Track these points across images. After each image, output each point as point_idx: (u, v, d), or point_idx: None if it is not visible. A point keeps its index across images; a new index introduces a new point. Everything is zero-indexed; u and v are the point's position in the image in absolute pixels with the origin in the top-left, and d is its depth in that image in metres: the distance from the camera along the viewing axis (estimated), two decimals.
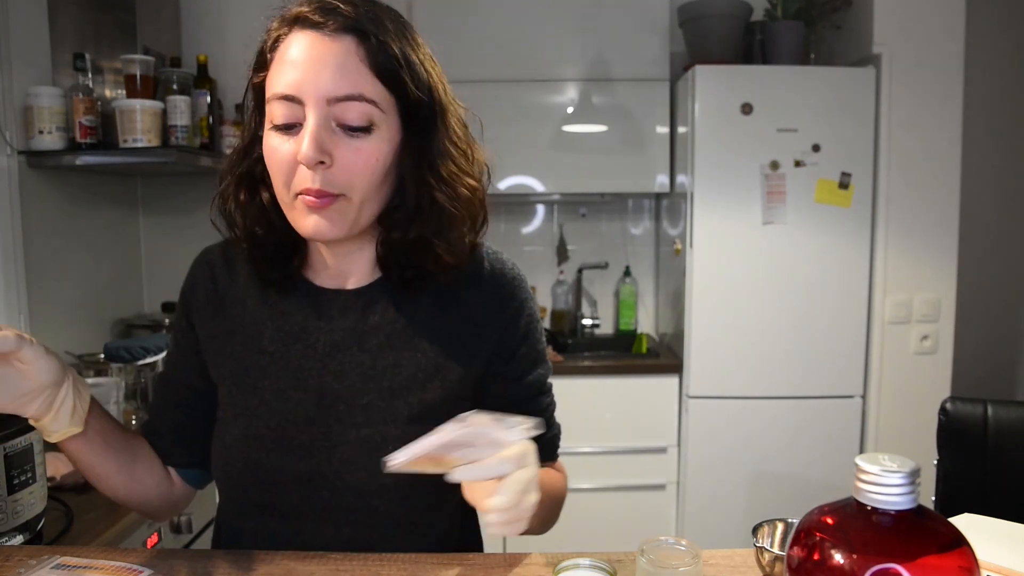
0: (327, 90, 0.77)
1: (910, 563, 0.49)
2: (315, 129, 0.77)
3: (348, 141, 0.78)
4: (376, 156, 0.80)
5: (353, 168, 0.79)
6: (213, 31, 2.43)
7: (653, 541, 0.75)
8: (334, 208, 0.80)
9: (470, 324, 0.91)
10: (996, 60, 2.89)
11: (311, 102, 0.77)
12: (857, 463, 0.52)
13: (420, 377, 0.88)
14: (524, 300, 0.94)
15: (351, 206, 0.81)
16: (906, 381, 2.66)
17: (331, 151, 0.78)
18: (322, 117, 0.77)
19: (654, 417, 2.75)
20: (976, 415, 1.42)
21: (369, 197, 0.82)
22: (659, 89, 2.92)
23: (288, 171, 0.80)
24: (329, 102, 0.77)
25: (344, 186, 0.79)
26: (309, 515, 0.89)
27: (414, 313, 0.90)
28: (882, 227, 2.63)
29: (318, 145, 0.77)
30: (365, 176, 0.80)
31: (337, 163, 0.78)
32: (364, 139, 0.79)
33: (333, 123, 0.78)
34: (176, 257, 2.55)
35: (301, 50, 0.78)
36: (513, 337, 0.93)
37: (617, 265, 3.25)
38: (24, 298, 1.92)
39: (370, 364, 0.88)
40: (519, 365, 0.94)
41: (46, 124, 1.90)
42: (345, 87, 0.77)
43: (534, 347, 0.95)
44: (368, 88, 0.78)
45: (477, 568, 0.86)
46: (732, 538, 2.61)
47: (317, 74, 0.77)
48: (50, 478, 1.36)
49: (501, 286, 0.93)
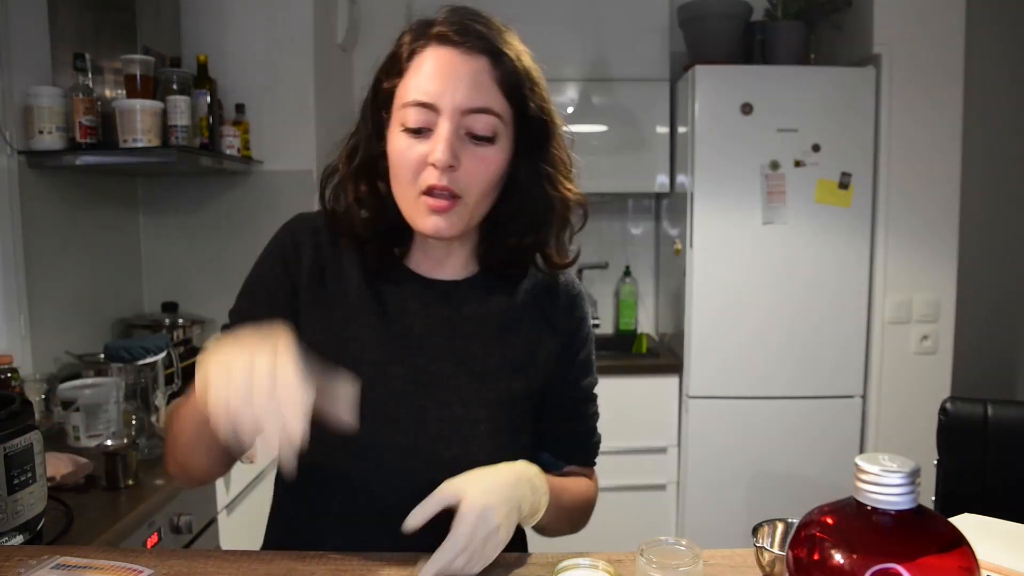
0: (462, 102, 0.86)
1: (910, 563, 0.49)
2: (449, 136, 0.85)
3: (473, 149, 0.87)
4: (496, 164, 0.89)
5: (475, 173, 0.88)
6: (213, 31, 2.43)
7: (653, 541, 0.75)
8: (453, 211, 0.88)
9: (548, 327, 1.00)
10: (996, 60, 2.89)
11: (447, 111, 0.86)
12: (857, 463, 0.52)
13: (508, 368, 0.96)
14: (587, 312, 1.05)
15: (466, 208, 0.89)
16: (906, 381, 2.66)
17: (459, 156, 0.87)
18: (455, 125, 0.86)
19: (654, 417, 2.75)
20: (976, 415, 1.42)
21: (482, 200, 0.90)
22: (659, 89, 2.92)
23: (416, 170, 0.87)
24: (463, 113, 0.86)
25: (464, 189, 0.88)
26: (399, 487, 0.90)
27: (504, 310, 0.98)
28: (882, 227, 2.63)
29: (452, 150, 0.85)
30: (483, 182, 0.89)
31: (463, 168, 0.87)
32: (487, 148, 0.88)
33: (463, 131, 0.87)
34: (176, 257, 2.57)
35: (440, 64, 0.87)
36: (576, 342, 1.02)
37: (617, 265, 3.25)
38: (24, 298, 1.92)
39: (463, 350, 0.95)
40: (577, 370, 1.03)
41: (46, 124, 1.90)
42: (478, 101, 0.86)
43: (589, 356, 1.04)
44: (496, 103, 0.88)
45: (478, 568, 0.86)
46: (732, 538, 2.61)
47: (454, 87, 0.86)
48: (50, 478, 1.36)
49: (572, 296, 1.03)
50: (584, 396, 1.05)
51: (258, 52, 2.45)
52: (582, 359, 1.03)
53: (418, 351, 0.94)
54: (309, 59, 2.47)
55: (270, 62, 2.46)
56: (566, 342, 1.01)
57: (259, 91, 2.46)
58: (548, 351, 0.99)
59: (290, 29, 2.46)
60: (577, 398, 1.04)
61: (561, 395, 1.02)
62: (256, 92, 2.45)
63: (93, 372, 1.93)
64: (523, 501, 0.85)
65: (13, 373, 1.74)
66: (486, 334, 0.96)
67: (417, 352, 0.94)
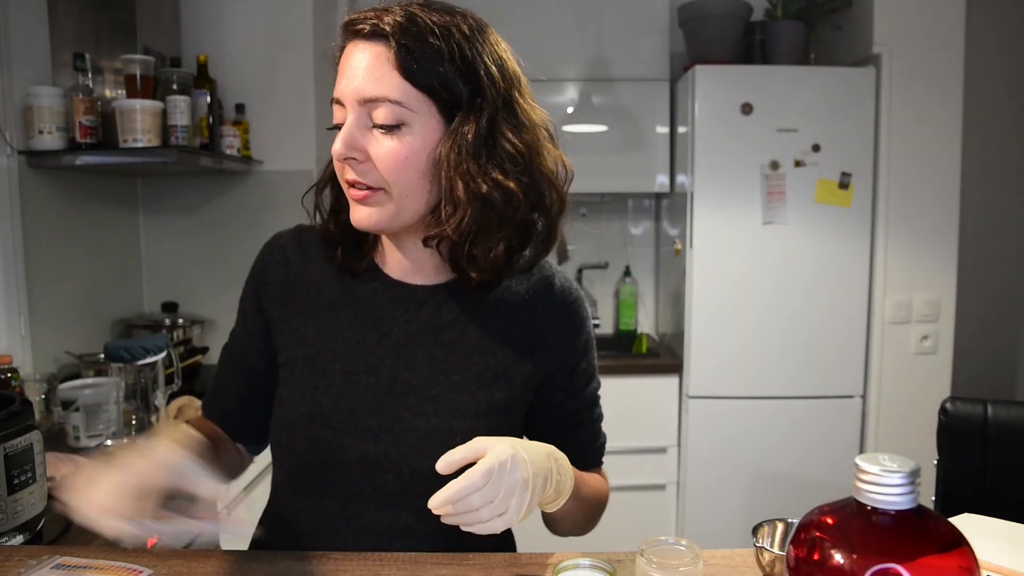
0: (356, 93, 0.83)
1: (910, 563, 0.49)
2: (347, 127, 0.84)
3: (380, 139, 0.84)
4: (405, 153, 0.84)
5: (384, 163, 0.84)
6: (213, 31, 2.43)
7: (653, 541, 0.75)
8: (373, 200, 0.86)
9: (538, 335, 0.95)
10: (996, 60, 2.89)
11: (348, 103, 0.84)
12: (857, 463, 0.52)
13: (488, 376, 0.92)
14: (585, 319, 1.00)
15: (390, 200, 0.86)
16: (906, 381, 2.66)
17: (365, 148, 0.84)
18: (356, 117, 0.84)
19: (654, 417, 2.75)
20: (976, 415, 1.42)
21: (408, 192, 0.85)
22: (659, 89, 2.92)
23: (340, 168, 0.88)
24: (361, 103, 0.83)
25: (379, 180, 0.85)
26: (371, 498, 0.90)
27: (488, 316, 0.94)
28: (882, 227, 2.63)
29: (348, 142, 0.83)
30: (397, 171, 0.84)
31: (372, 159, 0.84)
32: (393, 137, 0.84)
33: (369, 122, 0.84)
34: (176, 257, 2.57)
35: (347, 57, 0.85)
36: (574, 352, 0.98)
37: (617, 265, 3.25)
38: (24, 298, 1.92)
39: (442, 358, 0.92)
40: (578, 380, 0.99)
41: (46, 124, 1.90)
42: (370, 91, 0.83)
43: (591, 363, 1.01)
44: (394, 91, 0.82)
45: (477, 568, 0.86)
46: (732, 538, 2.61)
47: (352, 79, 0.84)
48: (50, 478, 1.36)
49: (568, 303, 0.98)
50: (586, 404, 1.02)
51: (258, 52, 2.45)
52: (583, 368, 0.99)
53: (395, 360, 0.91)
54: (309, 59, 2.47)
55: (270, 62, 2.46)
56: (562, 352, 0.96)
57: (259, 91, 2.46)
58: (536, 360, 0.94)
59: (290, 29, 2.46)
60: (579, 407, 1.01)
61: (561, 405, 0.99)
62: (256, 92, 2.45)
63: (93, 372, 1.92)
64: (551, 474, 0.81)
65: (13, 373, 1.74)
66: (466, 342, 0.92)
67: (394, 361, 0.91)
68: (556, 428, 0.98)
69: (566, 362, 0.97)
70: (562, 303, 0.97)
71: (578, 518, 0.96)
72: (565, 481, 0.84)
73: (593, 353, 1.01)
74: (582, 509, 0.94)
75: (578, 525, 0.98)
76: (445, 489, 0.73)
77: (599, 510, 1.01)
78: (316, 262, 0.97)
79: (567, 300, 0.98)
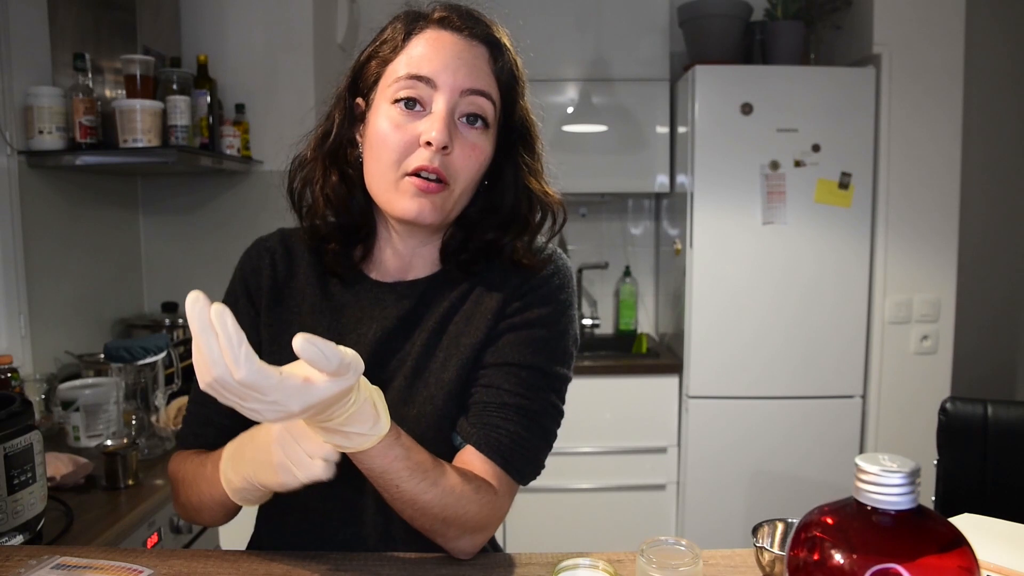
0: (462, 82, 0.84)
1: (910, 563, 0.49)
2: (446, 115, 0.83)
3: (465, 136, 0.85)
4: (485, 154, 0.87)
5: (466, 160, 0.85)
6: (213, 31, 2.43)
7: (653, 541, 0.75)
8: (440, 195, 0.85)
9: (502, 315, 0.89)
10: (996, 60, 2.89)
11: (445, 88, 0.83)
12: (857, 463, 0.52)
13: (465, 362, 0.87)
14: (552, 292, 0.91)
15: (451, 196, 0.86)
16: (906, 381, 2.66)
17: (452, 141, 0.84)
18: (452, 105, 0.84)
19: (654, 417, 2.75)
20: (976, 415, 1.42)
21: (466, 191, 0.88)
22: (659, 89, 2.92)
23: (403, 149, 0.84)
24: (462, 93, 0.84)
25: (453, 175, 0.85)
26: (328, 496, 0.87)
27: (464, 303, 0.91)
28: (882, 227, 2.63)
29: (448, 130, 0.83)
30: (472, 170, 0.86)
31: (454, 153, 0.84)
32: (480, 135, 0.86)
33: (458, 116, 0.85)
34: (176, 257, 2.57)
35: (443, 43, 0.85)
36: (509, 315, 0.89)
37: (617, 265, 3.25)
38: (24, 298, 1.92)
39: (417, 353, 0.89)
40: (509, 350, 0.88)
41: (46, 124, 1.90)
42: (478, 83, 0.85)
43: (533, 339, 0.88)
44: (492, 91, 0.87)
45: (477, 568, 0.86)
46: (732, 538, 2.61)
47: (455, 66, 0.84)
48: (50, 478, 1.36)
49: (538, 278, 0.91)
50: (510, 385, 0.86)
51: (258, 52, 2.45)
52: (519, 340, 0.87)
53: (370, 362, 0.86)
54: (309, 59, 2.47)
55: (270, 62, 2.46)
56: (498, 314, 0.89)
57: (259, 91, 2.45)
58: (488, 336, 0.89)
59: (290, 29, 2.46)
60: (498, 385, 0.86)
61: (484, 375, 0.87)
62: (256, 92, 2.45)
63: (93, 372, 1.93)
64: (355, 392, 0.69)
65: (13, 373, 1.74)
66: (449, 332, 0.90)
67: (370, 364, 0.85)
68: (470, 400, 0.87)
69: (499, 324, 0.89)
70: (533, 276, 0.91)
71: (408, 486, 0.76)
72: (368, 409, 0.70)
73: (548, 334, 0.89)
74: (414, 478, 0.76)
75: (404, 511, 0.79)
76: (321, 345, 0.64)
77: (442, 507, 0.78)
78: (301, 267, 0.97)
79: (540, 275, 0.91)
